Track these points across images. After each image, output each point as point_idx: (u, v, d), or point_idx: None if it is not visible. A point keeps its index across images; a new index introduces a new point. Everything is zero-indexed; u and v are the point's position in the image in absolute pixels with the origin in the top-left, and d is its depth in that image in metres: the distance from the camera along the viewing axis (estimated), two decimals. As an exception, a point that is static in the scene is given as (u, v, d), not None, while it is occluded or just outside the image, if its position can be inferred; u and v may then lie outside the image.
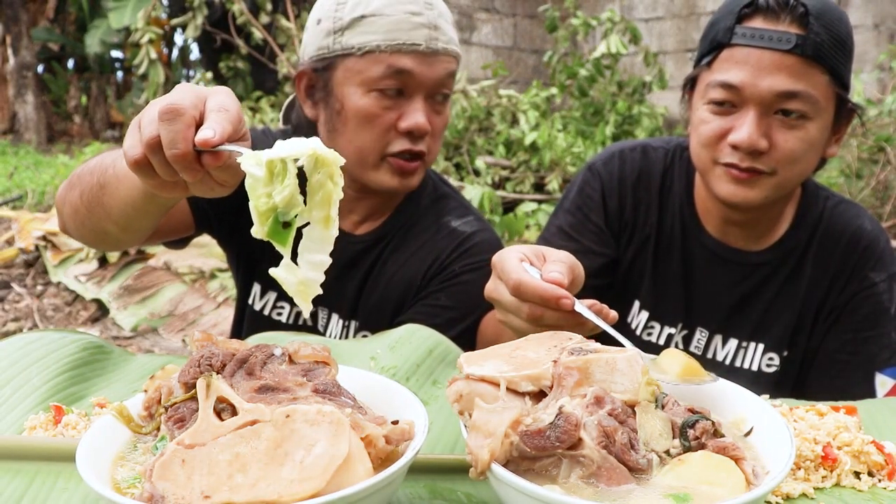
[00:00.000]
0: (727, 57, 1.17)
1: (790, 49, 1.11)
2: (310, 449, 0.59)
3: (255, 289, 1.46)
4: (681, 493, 0.61)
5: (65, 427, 0.76)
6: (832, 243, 1.29)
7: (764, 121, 1.15)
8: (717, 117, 1.19)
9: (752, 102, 1.14)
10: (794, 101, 1.13)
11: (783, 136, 1.15)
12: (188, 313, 3.63)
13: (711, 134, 1.19)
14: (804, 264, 1.29)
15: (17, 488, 0.69)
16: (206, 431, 0.61)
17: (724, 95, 1.17)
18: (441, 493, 0.71)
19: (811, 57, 1.11)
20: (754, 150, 1.14)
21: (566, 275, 0.84)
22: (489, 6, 7.66)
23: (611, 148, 1.44)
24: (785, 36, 1.11)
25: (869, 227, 1.29)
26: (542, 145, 5.24)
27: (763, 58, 1.13)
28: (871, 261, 1.27)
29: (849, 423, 0.77)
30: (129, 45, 8.27)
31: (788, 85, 1.12)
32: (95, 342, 0.98)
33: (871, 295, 1.25)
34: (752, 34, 1.14)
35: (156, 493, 0.57)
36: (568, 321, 0.83)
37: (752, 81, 1.13)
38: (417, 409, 0.69)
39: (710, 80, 1.19)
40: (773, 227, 1.31)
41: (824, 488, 0.71)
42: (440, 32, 1.25)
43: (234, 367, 0.67)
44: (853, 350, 1.26)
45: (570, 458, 0.62)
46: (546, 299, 0.82)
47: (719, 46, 1.18)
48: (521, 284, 0.84)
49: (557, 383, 0.67)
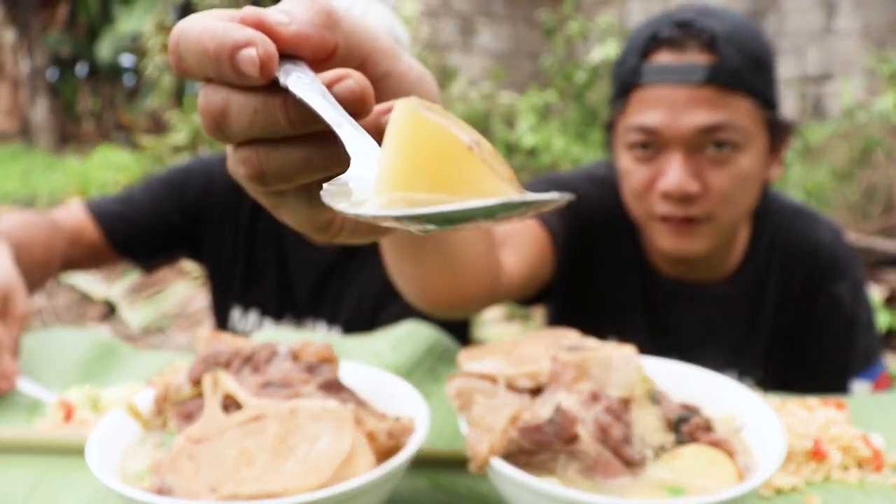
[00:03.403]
0: (638, 98, 1.07)
1: (704, 80, 1.02)
2: (314, 443, 0.60)
3: (234, 312, 1.47)
4: (674, 486, 0.62)
5: (75, 422, 0.78)
6: (793, 262, 1.22)
7: (692, 161, 1.05)
8: (641, 165, 1.09)
9: (674, 144, 1.05)
10: (719, 132, 1.04)
11: (714, 176, 1.05)
12: (196, 313, 3.64)
13: (639, 185, 1.10)
14: (766, 288, 1.23)
15: (28, 482, 0.70)
16: (213, 426, 0.62)
17: (644, 138, 1.07)
18: (442, 486, 0.72)
19: (727, 84, 1.02)
20: (685, 195, 1.05)
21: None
22: (488, 11, 7.69)
23: (580, 172, 1.33)
24: (696, 67, 1.02)
25: (828, 239, 1.22)
26: (540, 148, 5.26)
27: (676, 94, 1.03)
28: (834, 274, 1.20)
29: (838, 418, 0.78)
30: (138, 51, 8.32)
31: (709, 119, 1.03)
32: (104, 340, 0.99)
33: (837, 307, 1.20)
34: (661, 69, 1.05)
35: (164, 486, 0.59)
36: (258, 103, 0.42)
37: (669, 122, 1.04)
38: (419, 405, 0.70)
39: (625, 124, 1.10)
40: (726, 257, 1.22)
41: (814, 482, 0.72)
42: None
43: (239, 364, 0.69)
44: (829, 362, 1.22)
45: (567, 452, 0.63)
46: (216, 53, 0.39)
47: (629, 87, 1.09)
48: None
49: (555, 380, 0.69)
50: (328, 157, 0.40)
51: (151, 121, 10.50)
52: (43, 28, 10.34)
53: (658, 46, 1.06)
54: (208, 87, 0.40)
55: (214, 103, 0.39)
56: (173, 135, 5.26)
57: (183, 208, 1.42)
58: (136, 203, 1.40)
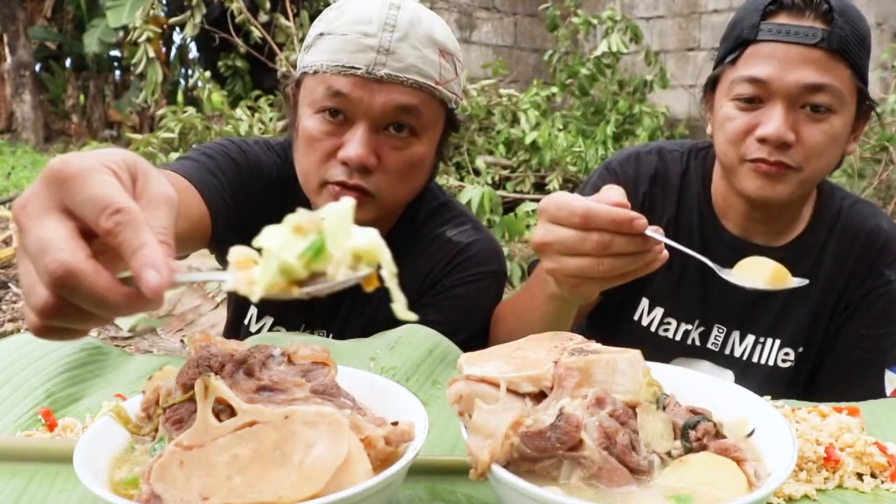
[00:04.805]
0: (753, 53, 1.18)
1: (816, 43, 1.13)
2: (309, 450, 0.58)
3: (251, 311, 1.41)
4: (682, 494, 0.60)
5: (62, 430, 0.76)
6: (849, 241, 1.30)
7: (791, 115, 1.16)
8: (743, 113, 1.19)
9: (779, 96, 1.15)
10: (820, 94, 1.14)
11: (809, 130, 1.16)
12: (186, 313, 3.63)
13: (738, 130, 1.19)
14: (822, 261, 1.31)
15: (14, 489, 0.69)
16: (205, 433, 0.60)
17: (751, 90, 1.17)
18: (441, 494, 0.71)
19: (836, 51, 1.13)
20: (782, 142, 1.15)
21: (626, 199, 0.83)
22: (489, 5, 7.66)
23: (628, 149, 1.45)
24: (811, 31, 1.13)
25: (886, 226, 1.31)
26: (543, 145, 5.24)
27: (790, 52, 1.14)
28: (888, 259, 1.29)
29: (851, 425, 0.76)
30: (127, 44, 8.28)
31: (815, 78, 1.14)
32: (93, 343, 0.97)
33: (886, 292, 1.27)
34: (778, 30, 1.16)
35: (154, 495, 0.57)
36: (637, 245, 0.82)
37: (779, 75, 1.15)
38: (417, 410, 0.68)
39: (735, 76, 1.20)
40: (791, 224, 1.32)
41: (826, 490, 0.71)
42: (393, 58, 1.11)
43: (232, 368, 0.67)
44: (866, 346, 1.28)
45: (570, 459, 0.62)
46: (619, 222, 0.80)
47: (745, 43, 1.19)
48: (591, 211, 0.81)
49: (558, 384, 0.67)
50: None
51: (141, 117, 10.46)
52: (28, 21, 10.26)
53: (779, 9, 1.17)
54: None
55: None
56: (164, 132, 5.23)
57: (234, 189, 1.22)
58: (216, 174, 1.20)
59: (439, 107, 1.19)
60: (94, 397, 0.86)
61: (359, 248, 0.58)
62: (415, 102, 1.13)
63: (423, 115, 1.15)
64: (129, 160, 0.57)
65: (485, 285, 1.32)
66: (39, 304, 0.52)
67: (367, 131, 1.12)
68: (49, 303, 0.52)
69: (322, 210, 0.58)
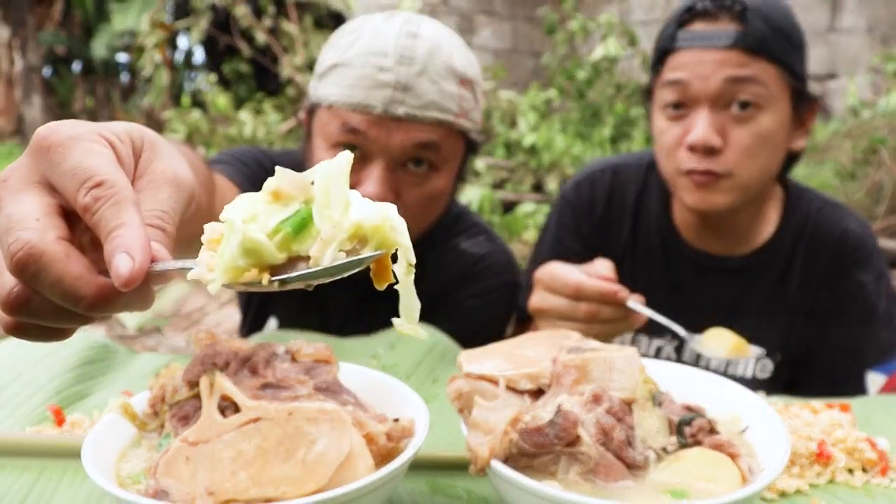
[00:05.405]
0: (673, 61, 1.19)
1: (732, 45, 1.13)
2: (312, 446, 0.59)
3: (270, 322, 1.39)
4: (677, 489, 0.62)
5: (70, 426, 0.77)
6: (819, 246, 1.28)
7: (717, 118, 1.15)
8: (673, 124, 1.19)
9: (702, 100, 1.15)
10: (742, 88, 1.13)
11: (737, 134, 1.15)
12: (192, 313, 3.63)
13: (670, 141, 1.19)
14: (792, 268, 1.28)
15: (24, 484, 0.70)
16: (210, 429, 0.61)
17: (674, 95, 1.18)
18: (441, 489, 0.72)
19: (753, 49, 1.13)
20: (708, 147, 1.14)
21: (613, 272, 0.95)
22: (489, 9, 7.67)
23: (585, 170, 1.44)
24: (724, 33, 1.14)
25: (854, 229, 1.28)
26: (541, 147, 5.25)
27: (706, 56, 1.15)
28: (859, 262, 1.26)
29: (843, 421, 0.78)
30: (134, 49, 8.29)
31: (734, 72, 1.13)
32: (100, 341, 0.98)
33: (860, 296, 1.25)
34: (693, 36, 1.17)
35: (160, 490, 0.58)
36: (620, 313, 0.96)
37: (698, 78, 1.15)
38: (418, 407, 0.69)
39: (660, 83, 1.22)
40: (753, 231, 1.29)
41: (819, 485, 0.72)
42: (411, 94, 1.06)
43: (237, 366, 0.68)
44: (844, 350, 1.26)
45: (568, 454, 0.63)
46: (605, 294, 0.94)
47: (665, 52, 1.21)
48: (581, 284, 0.94)
49: (556, 381, 0.68)
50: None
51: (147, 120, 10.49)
52: (37, 25, 10.31)
53: (693, 17, 1.18)
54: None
55: None
56: (170, 134, 5.25)
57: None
58: (253, 182, 1.19)
59: (459, 138, 1.15)
60: (101, 394, 0.87)
61: (364, 223, 0.43)
62: (434, 139, 1.10)
63: (443, 149, 1.12)
64: (136, 132, 0.50)
65: (498, 297, 1.32)
66: (3, 294, 0.44)
67: (385, 169, 1.09)
68: (13, 293, 0.44)
69: (312, 170, 0.45)
